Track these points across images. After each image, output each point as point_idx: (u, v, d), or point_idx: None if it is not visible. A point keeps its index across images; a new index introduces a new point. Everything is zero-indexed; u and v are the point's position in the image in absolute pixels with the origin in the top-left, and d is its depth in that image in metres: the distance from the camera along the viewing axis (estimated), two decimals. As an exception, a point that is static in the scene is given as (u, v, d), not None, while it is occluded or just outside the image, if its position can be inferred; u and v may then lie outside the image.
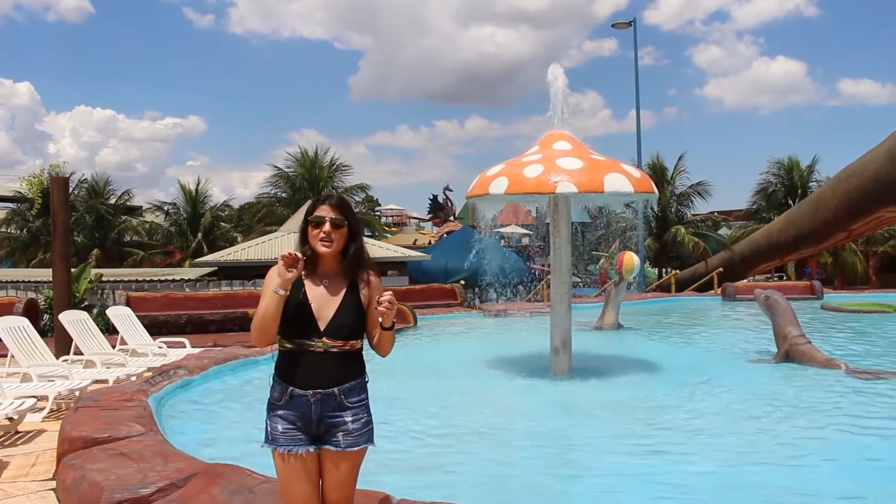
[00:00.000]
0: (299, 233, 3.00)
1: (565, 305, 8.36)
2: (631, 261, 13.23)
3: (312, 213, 2.95)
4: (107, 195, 35.76)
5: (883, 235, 31.93)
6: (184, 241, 35.27)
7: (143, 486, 3.90)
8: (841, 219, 22.05)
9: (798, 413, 6.64)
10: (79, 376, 7.54)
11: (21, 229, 34.05)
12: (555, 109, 8.58)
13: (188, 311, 13.65)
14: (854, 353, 9.75)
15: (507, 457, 5.40)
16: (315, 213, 2.93)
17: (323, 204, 2.95)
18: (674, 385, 7.77)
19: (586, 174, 7.58)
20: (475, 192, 8.19)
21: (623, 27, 24.50)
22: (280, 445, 2.89)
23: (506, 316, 14.77)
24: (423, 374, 8.27)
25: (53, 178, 11.07)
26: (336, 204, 2.95)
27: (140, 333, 10.19)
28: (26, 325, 8.13)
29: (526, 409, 7.02)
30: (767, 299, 9.55)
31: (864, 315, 14.65)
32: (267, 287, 2.85)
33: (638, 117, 24.72)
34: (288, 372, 2.89)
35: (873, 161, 19.97)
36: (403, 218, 57.87)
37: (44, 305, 13.47)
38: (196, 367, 7.52)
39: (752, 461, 5.16)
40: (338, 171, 36.48)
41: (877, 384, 7.70)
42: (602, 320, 12.86)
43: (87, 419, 5.16)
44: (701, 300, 19.16)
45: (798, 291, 18.03)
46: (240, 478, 3.87)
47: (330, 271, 2.97)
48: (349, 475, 2.95)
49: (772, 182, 35.80)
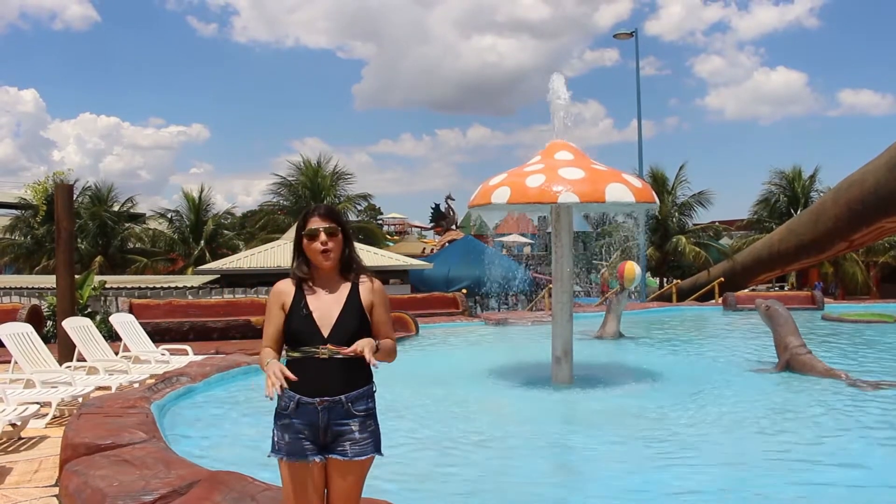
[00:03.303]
0: (293, 247, 3.03)
1: (567, 315, 8.38)
2: (632, 270, 13.25)
3: (304, 226, 2.98)
4: (110, 202, 35.85)
5: (884, 246, 31.88)
6: (186, 249, 35.27)
7: (145, 492, 3.91)
8: (842, 229, 22.06)
9: (799, 423, 6.65)
10: (82, 383, 7.55)
11: (25, 236, 34.09)
12: (556, 119, 8.63)
13: (191, 318, 13.65)
14: (855, 364, 9.74)
15: (507, 465, 5.42)
16: (308, 227, 2.96)
17: (313, 216, 2.98)
18: (674, 394, 7.78)
19: (588, 184, 7.63)
20: (478, 202, 8.24)
21: (625, 37, 24.59)
22: (287, 455, 2.89)
23: (507, 325, 14.78)
24: (425, 383, 8.28)
25: (58, 186, 11.13)
26: (326, 214, 2.98)
27: (143, 340, 10.21)
28: (30, 332, 8.16)
29: (527, 417, 7.04)
30: (768, 309, 9.56)
31: (865, 325, 14.65)
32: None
33: (639, 127, 24.78)
34: (294, 381, 2.89)
35: (874, 171, 20.00)
36: (405, 227, 57.84)
37: (47, 312, 13.50)
38: (198, 375, 7.55)
39: (753, 470, 5.17)
40: (340, 179, 36.55)
41: (877, 394, 7.70)
42: (603, 329, 12.87)
43: (90, 426, 5.18)
44: (702, 310, 19.15)
45: (799, 301, 18.01)
46: (242, 485, 3.88)
47: (329, 280, 3.00)
48: (355, 485, 2.95)
49: (774, 192, 35.80)
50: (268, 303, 3.05)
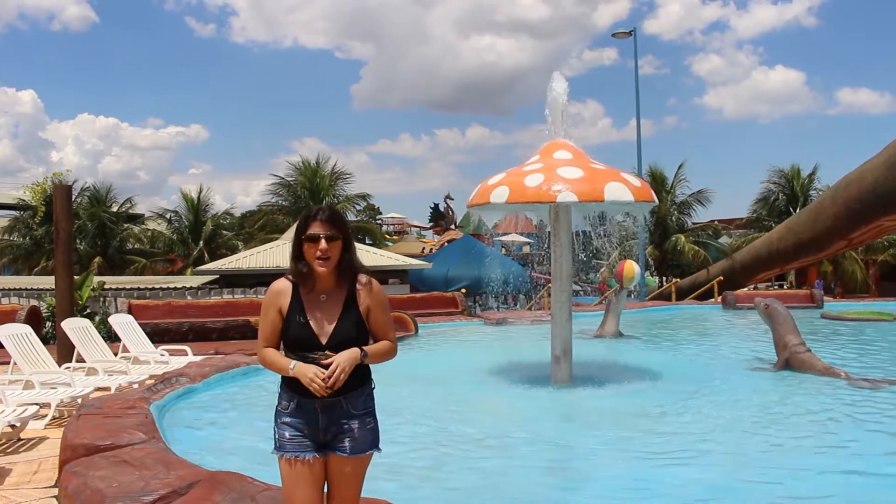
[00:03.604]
0: (292, 250, 2.99)
1: (566, 314, 8.38)
2: (631, 270, 13.25)
3: (305, 229, 2.93)
4: (109, 203, 35.89)
5: (883, 244, 31.96)
6: (185, 249, 35.30)
7: (145, 493, 3.91)
8: (841, 227, 22.08)
9: (797, 421, 6.65)
10: (81, 384, 7.55)
11: (24, 237, 34.14)
12: (555, 118, 8.63)
13: (190, 318, 13.66)
14: (854, 362, 9.75)
15: (507, 464, 5.42)
16: (308, 231, 2.91)
17: (315, 220, 2.92)
18: (674, 393, 7.79)
19: (587, 183, 7.63)
20: (476, 201, 8.24)
21: (623, 37, 24.60)
22: (287, 451, 2.90)
23: (507, 324, 14.79)
24: (424, 382, 8.28)
25: (56, 186, 11.11)
26: (328, 219, 2.92)
27: (142, 341, 10.21)
28: (29, 333, 8.16)
29: (526, 416, 7.04)
30: (767, 307, 9.57)
31: (864, 323, 14.66)
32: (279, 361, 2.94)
33: (638, 126, 24.78)
34: (294, 382, 2.90)
35: (872, 170, 20.02)
36: (404, 226, 57.86)
37: (46, 313, 13.50)
38: (198, 375, 7.55)
39: (751, 469, 5.18)
40: (339, 179, 36.58)
41: (876, 393, 7.71)
42: (603, 329, 12.87)
43: (90, 426, 5.18)
44: (701, 308, 19.16)
45: (798, 300, 18.01)
46: (242, 485, 3.89)
47: (327, 285, 2.97)
48: (355, 481, 2.97)
49: (773, 190, 35.86)
50: (264, 302, 3.02)
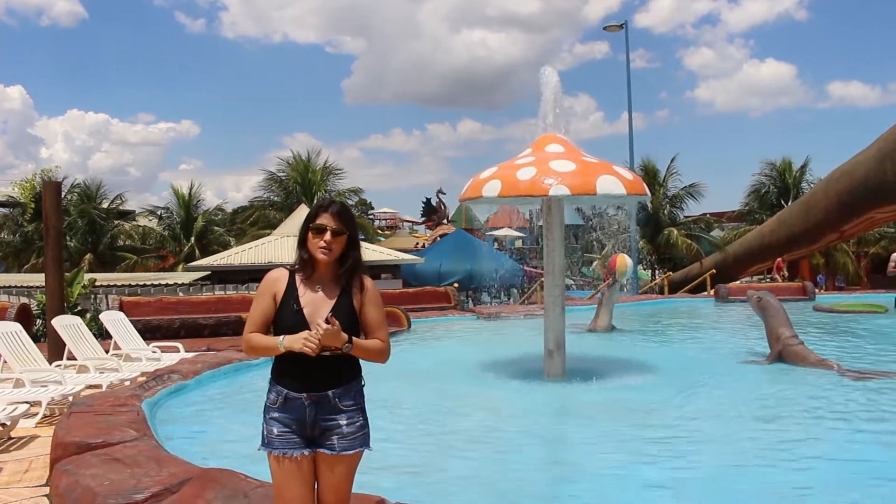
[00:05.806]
0: (298, 236, 3.00)
1: (559, 308, 8.38)
2: (624, 263, 13.27)
3: (314, 219, 2.94)
4: (99, 199, 35.61)
5: (874, 236, 32.12)
6: (177, 246, 35.16)
7: (136, 491, 3.88)
8: (832, 220, 22.21)
9: (790, 414, 6.68)
10: (72, 381, 7.50)
11: (14, 234, 33.87)
12: (547, 112, 8.61)
13: (182, 315, 13.59)
14: (846, 354, 9.80)
15: (501, 459, 5.42)
16: (316, 221, 2.93)
17: (325, 212, 2.94)
18: (667, 386, 7.80)
19: (579, 176, 7.62)
20: (468, 195, 8.22)
21: (614, 30, 24.61)
22: (275, 448, 2.90)
23: (499, 318, 14.79)
24: (417, 377, 8.27)
25: (46, 183, 11.05)
26: (337, 213, 2.94)
27: (133, 338, 10.16)
28: (19, 331, 8.09)
29: (520, 411, 7.04)
30: (760, 300, 9.59)
31: (856, 315, 14.73)
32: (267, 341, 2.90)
33: (630, 120, 24.80)
34: (283, 375, 2.91)
35: (863, 163, 20.13)
36: (397, 221, 57.82)
37: (37, 310, 13.40)
38: (190, 372, 7.51)
39: (745, 462, 5.19)
40: (331, 174, 36.49)
41: (868, 384, 7.75)
42: (595, 322, 12.90)
43: (81, 424, 5.14)
44: (694, 301, 19.23)
45: (790, 293, 18.11)
46: (234, 482, 3.87)
47: (325, 276, 2.97)
48: (345, 479, 2.96)
49: (764, 183, 35.95)
50: (259, 288, 3.01)
